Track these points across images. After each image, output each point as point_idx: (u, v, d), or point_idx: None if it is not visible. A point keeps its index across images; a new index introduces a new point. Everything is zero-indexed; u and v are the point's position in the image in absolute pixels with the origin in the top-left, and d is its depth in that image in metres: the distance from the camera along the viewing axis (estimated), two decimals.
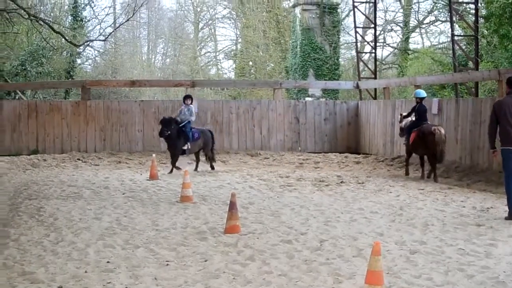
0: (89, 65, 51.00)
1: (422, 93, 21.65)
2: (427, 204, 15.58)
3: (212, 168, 23.07)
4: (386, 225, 12.97)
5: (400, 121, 22.60)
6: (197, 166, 23.08)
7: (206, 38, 61.08)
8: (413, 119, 21.35)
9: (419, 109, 21.04)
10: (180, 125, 22.34)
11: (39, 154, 26.28)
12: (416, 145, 20.78)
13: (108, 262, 9.95)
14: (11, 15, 33.42)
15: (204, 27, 59.88)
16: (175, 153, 22.32)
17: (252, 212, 14.45)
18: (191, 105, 22.86)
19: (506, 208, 13.80)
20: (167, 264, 9.83)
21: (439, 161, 20.26)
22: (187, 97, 23.26)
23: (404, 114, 22.51)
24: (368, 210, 14.67)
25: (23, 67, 35.41)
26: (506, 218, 13.52)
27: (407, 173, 21.72)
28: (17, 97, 34.11)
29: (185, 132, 22.37)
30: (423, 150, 20.65)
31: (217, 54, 59.59)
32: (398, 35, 46.98)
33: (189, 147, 22.50)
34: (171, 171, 22.11)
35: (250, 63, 52.95)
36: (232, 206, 12.28)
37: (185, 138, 22.36)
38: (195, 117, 23.59)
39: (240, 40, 56.40)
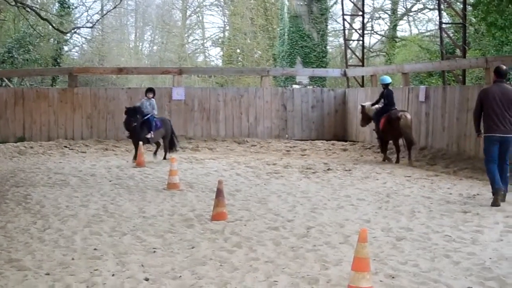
0: (76, 52, 50.95)
1: (387, 79, 22.12)
2: (414, 191, 15.62)
3: (165, 158, 22.33)
4: (372, 212, 13.00)
5: (362, 111, 22.91)
6: (156, 150, 22.76)
7: (194, 25, 60.96)
8: (380, 105, 21.84)
9: (387, 95, 21.55)
10: (144, 117, 21.54)
11: (26, 142, 26.23)
12: (386, 130, 21.29)
13: (95, 249, 9.94)
14: None
15: (192, 14, 59.74)
16: (138, 142, 21.17)
17: (239, 199, 14.46)
18: (153, 99, 22.08)
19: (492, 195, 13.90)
20: (154, 251, 9.82)
21: (409, 145, 20.98)
22: (150, 90, 22.56)
23: (368, 103, 22.96)
24: (355, 197, 14.70)
25: (10, 54, 35.30)
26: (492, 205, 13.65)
27: (385, 159, 22.01)
28: (3, 85, 33.97)
29: (148, 121, 21.63)
30: (392, 135, 21.31)
31: (205, 41, 59.51)
32: (386, 23, 47.10)
33: (152, 136, 21.74)
34: (135, 158, 21.23)
35: (238, 50, 52.91)
36: (219, 193, 12.27)
37: (148, 127, 21.61)
38: (157, 111, 22.51)
39: (227, 28, 56.32)
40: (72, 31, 41.87)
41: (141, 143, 21.07)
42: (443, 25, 26.50)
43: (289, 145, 26.88)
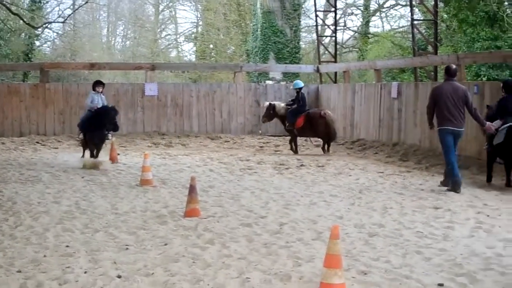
0: (48, 47, 50.63)
1: (301, 83, 24.22)
2: (386, 187, 15.71)
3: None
4: (345, 208, 13.05)
5: (268, 108, 24.37)
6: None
7: (167, 20, 60.74)
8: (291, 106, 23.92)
9: (302, 97, 23.79)
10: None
11: None
12: (305, 128, 23.34)
13: (67, 246, 9.89)
14: None
15: (165, 9, 59.56)
16: (101, 142, 20.02)
17: (212, 196, 14.45)
18: (103, 94, 20.79)
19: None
20: (127, 248, 9.79)
21: (334, 139, 23.66)
22: (99, 83, 21.05)
23: (278, 103, 24.91)
24: (327, 193, 14.75)
25: None
26: (449, 189, 15.05)
27: (296, 152, 23.53)
28: None
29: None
30: (313, 132, 23.58)
31: (178, 36, 59.36)
32: (358, 19, 47.25)
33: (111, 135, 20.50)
34: (83, 155, 20.76)
35: (211, 46, 52.83)
36: (192, 189, 12.26)
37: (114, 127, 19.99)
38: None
39: (200, 23, 56.21)
40: (44, 25, 41.72)
41: (114, 139, 21.00)
42: (415, 22, 26.60)
43: (262, 141, 26.92)
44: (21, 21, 37.02)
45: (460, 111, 15.12)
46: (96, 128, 19.52)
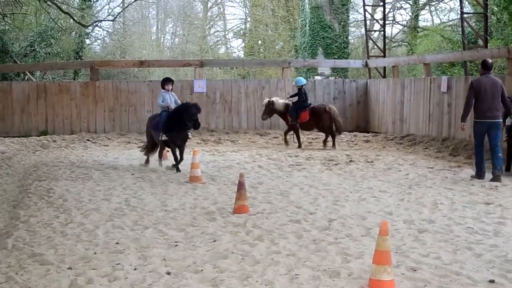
0: (98, 45, 51.08)
1: (303, 80, 24.82)
2: (436, 182, 15.57)
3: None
4: (395, 204, 12.97)
5: (268, 105, 24.79)
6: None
7: (215, 17, 60.90)
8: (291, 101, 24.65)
9: (305, 93, 24.44)
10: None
11: (49, 135, 26.33)
12: (310, 123, 24.17)
13: (117, 243, 9.97)
14: None
15: (213, 6, 59.71)
16: (185, 143, 18.82)
17: (261, 192, 14.46)
18: (172, 92, 19.35)
19: None
20: (176, 245, 9.84)
21: (340, 132, 24.46)
22: (167, 81, 19.45)
23: (277, 98, 25.23)
24: (377, 189, 14.67)
25: (32, 48, 35.45)
26: (473, 177, 16.10)
27: (300, 145, 24.28)
28: (26, 78, 34.16)
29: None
30: (318, 127, 24.39)
31: (226, 33, 59.46)
32: (407, 13, 46.75)
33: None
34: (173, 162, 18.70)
35: (259, 42, 52.87)
36: (240, 186, 12.28)
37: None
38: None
39: (249, 19, 56.23)
40: (94, 24, 42.11)
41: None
42: (465, 15, 26.32)
43: (311, 136, 26.82)
44: (72, 19, 37.40)
45: (498, 103, 15.83)
46: (178, 127, 18.01)
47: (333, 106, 25.11)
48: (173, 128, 18.11)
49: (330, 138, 24.17)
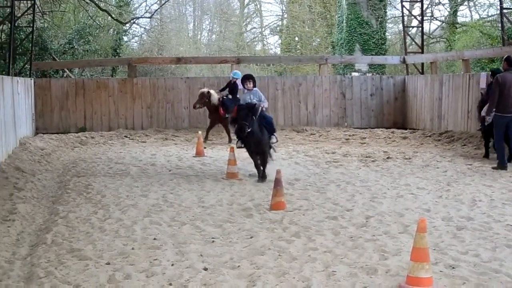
0: (136, 42, 51.32)
1: (238, 73, 23.91)
2: (475, 179, 15.43)
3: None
4: (433, 201, 12.88)
5: (205, 95, 24.35)
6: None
7: (252, 13, 60.94)
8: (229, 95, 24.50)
9: (237, 86, 23.96)
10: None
11: (87, 132, 26.55)
12: None
13: (154, 239, 10.03)
14: None
15: (250, 2, 59.74)
16: (264, 155, 15.90)
17: (297, 189, 14.44)
18: (255, 89, 16.53)
19: None
20: (213, 241, 9.86)
21: None
22: (247, 78, 16.66)
23: (213, 91, 24.84)
24: (414, 186, 14.58)
25: (71, 45, 35.73)
26: (494, 168, 16.89)
27: (230, 141, 23.89)
28: (65, 75, 34.43)
29: (266, 120, 16.39)
30: None
31: (263, 29, 59.43)
32: (445, 8, 46.39)
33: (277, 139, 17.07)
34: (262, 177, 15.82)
35: (296, 38, 52.77)
36: (277, 182, 12.27)
37: (269, 128, 16.35)
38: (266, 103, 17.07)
39: (285, 16, 56.18)
40: (131, 21, 42.38)
41: (200, 132, 21.18)
42: (504, 10, 26.08)
43: (348, 133, 26.73)
44: (110, 17, 37.71)
45: None
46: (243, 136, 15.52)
47: None
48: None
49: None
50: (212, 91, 24.59)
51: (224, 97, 24.38)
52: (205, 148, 21.64)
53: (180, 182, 15.54)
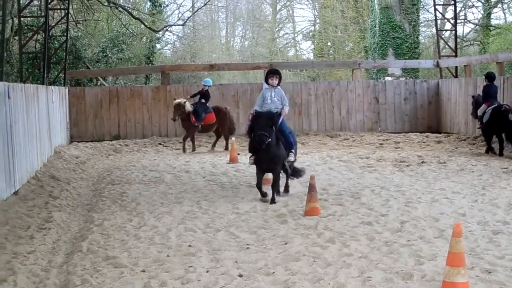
0: (169, 50, 51.58)
1: (209, 81, 25.05)
2: (511, 183, 15.27)
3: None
4: (468, 205, 12.79)
5: (182, 105, 23.97)
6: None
7: (284, 19, 60.94)
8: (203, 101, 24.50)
9: (208, 94, 24.53)
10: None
11: (121, 140, 26.71)
12: (214, 124, 24.45)
13: (189, 246, 10.05)
14: (91, 3, 34.02)
15: (282, 8, 59.77)
16: (277, 174, 13.94)
17: (332, 194, 14.40)
18: (279, 87, 14.18)
19: None
20: (248, 247, 9.87)
21: (233, 133, 24.73)
22: (274, 72, 14.27)
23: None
24: (450, 190, 14.48)
25: (104, 54, 36.01)
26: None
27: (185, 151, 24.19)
28: (98, 84, 34.69)
29: (284, 134, 14.02)
30: (220, 128, 24.68)
31: (296, 35, 59.42)
32: (479, 11, 46.17)
33: (295, 157, 14.56)
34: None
35: (329, 43, 52.73)
36: (311, 188, 12.25)
37: (287, 144, 14.08)
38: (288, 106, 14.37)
39: (318, 21, 56.13)
40: (164, 29, 42.57)
41: (233, 139, 21.24)
42: None
43: (382, 138, 26.63)
44: (143, 25, 37.93)
45: None
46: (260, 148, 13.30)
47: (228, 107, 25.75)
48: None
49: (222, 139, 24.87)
50: (184, 100, 24.33)
51: (196, 105, 24.26)
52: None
53: (214, 189, 15.57)
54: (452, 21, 32.71)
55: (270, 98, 13.94)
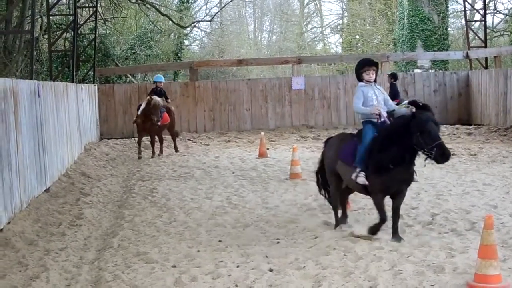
0: (197, 46, 51.69)
1: (160, 77, 23.50)
2: None
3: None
4: (500, 197, 12.70)
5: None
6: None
7: (312, 13, 60.79)
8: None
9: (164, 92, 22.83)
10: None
11: None
12: (166, 125, 22.44)
13: (219, 241, 10.07)
14: (119, 0, 34.11)
15: (310, 2, 59.61)
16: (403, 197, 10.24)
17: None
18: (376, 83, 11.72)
19: None
20: (278, 242, 9.86)
21: (178, 134, 24.02)
22: (367, 64, 11.70)
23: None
24: (481, 183, 14.38)
25: (133, 51, 36.13)
26: None
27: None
28: (127, 81, 34.81)
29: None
30: (169, 128, 23.03)
31: (323, 29, 59.23)
32: (509, 1, 45.67)
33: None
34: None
35: (357, 36, 52.52)
36: None
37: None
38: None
39: (346, 14, 55.94)
40: (192, 25, 42.62)
41: (262, 133, 21.20)
42: None
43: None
44: (170, 21, 38.01)
45: None
46: (396, 161, 9.77)
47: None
48: (388, 160, 9.73)
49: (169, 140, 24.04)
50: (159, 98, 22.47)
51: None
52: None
53: (243, 184, 15.58)
54: (482, 12, 32.43)
55: (376, 99, 11.12)
